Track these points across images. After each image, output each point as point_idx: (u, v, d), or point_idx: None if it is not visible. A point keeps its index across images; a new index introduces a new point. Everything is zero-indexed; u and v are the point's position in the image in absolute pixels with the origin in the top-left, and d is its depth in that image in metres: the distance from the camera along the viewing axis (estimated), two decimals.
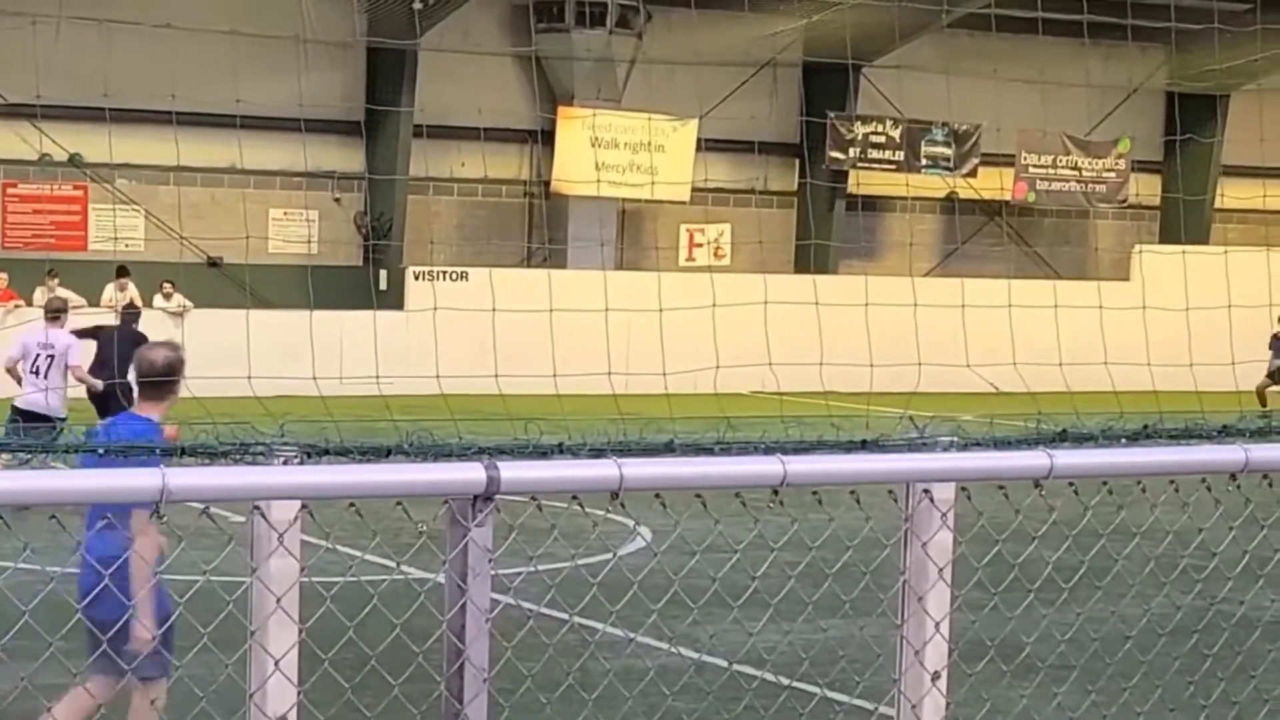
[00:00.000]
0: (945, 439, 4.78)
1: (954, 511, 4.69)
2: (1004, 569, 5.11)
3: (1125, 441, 4.81)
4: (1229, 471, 4.51)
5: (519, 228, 35.74)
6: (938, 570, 4.74)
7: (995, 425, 4.95)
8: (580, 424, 4.93)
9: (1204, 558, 5.29)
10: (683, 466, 4.43)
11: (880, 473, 4.56)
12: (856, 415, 6.50)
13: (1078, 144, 37.71)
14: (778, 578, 5.18)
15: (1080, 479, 4.52)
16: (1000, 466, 4.58)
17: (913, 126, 36.20)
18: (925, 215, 38.60)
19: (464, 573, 4.28)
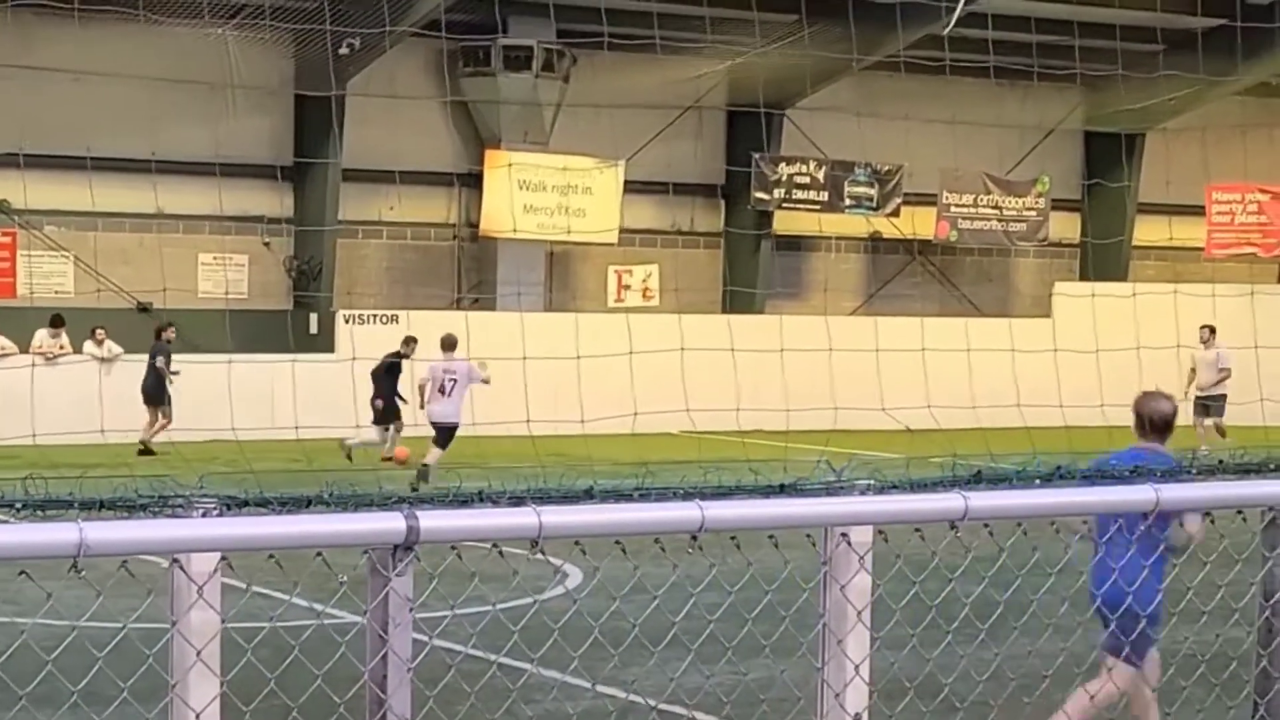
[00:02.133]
0: (862, 482, 4.80)
1: (872, 554, 4.70)
2: (922, 609, 5.12)
3: (1040, 482, 4.83)
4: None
5: (448, 271, 35.70)
6: (856, 613, 4.74)
7: (912, 467, 4.96)
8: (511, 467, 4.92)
9: None
10: (602, 514, 4.42)
11: (797, 517, 4.56)
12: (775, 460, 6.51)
13: (998, 183, 37.99)
14: (699, 620, 5.16)
15: (995, 520, 4.54)
16: (916, 509, 4.60)
17: (836, 167, 36.38)
18: (850, 255, 38.78)
19: (385, 622, 4.26)
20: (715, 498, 4.53)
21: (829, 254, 38.50)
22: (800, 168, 36.33)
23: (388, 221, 34.90)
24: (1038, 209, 38.43)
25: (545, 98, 34.19)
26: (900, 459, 7.79)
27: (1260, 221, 38.22)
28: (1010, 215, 38.13)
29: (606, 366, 27.81)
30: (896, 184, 36.84)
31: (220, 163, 32.22)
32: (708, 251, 37.47)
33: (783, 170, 36.12)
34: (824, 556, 4.75)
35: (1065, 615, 5.63)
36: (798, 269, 38.15)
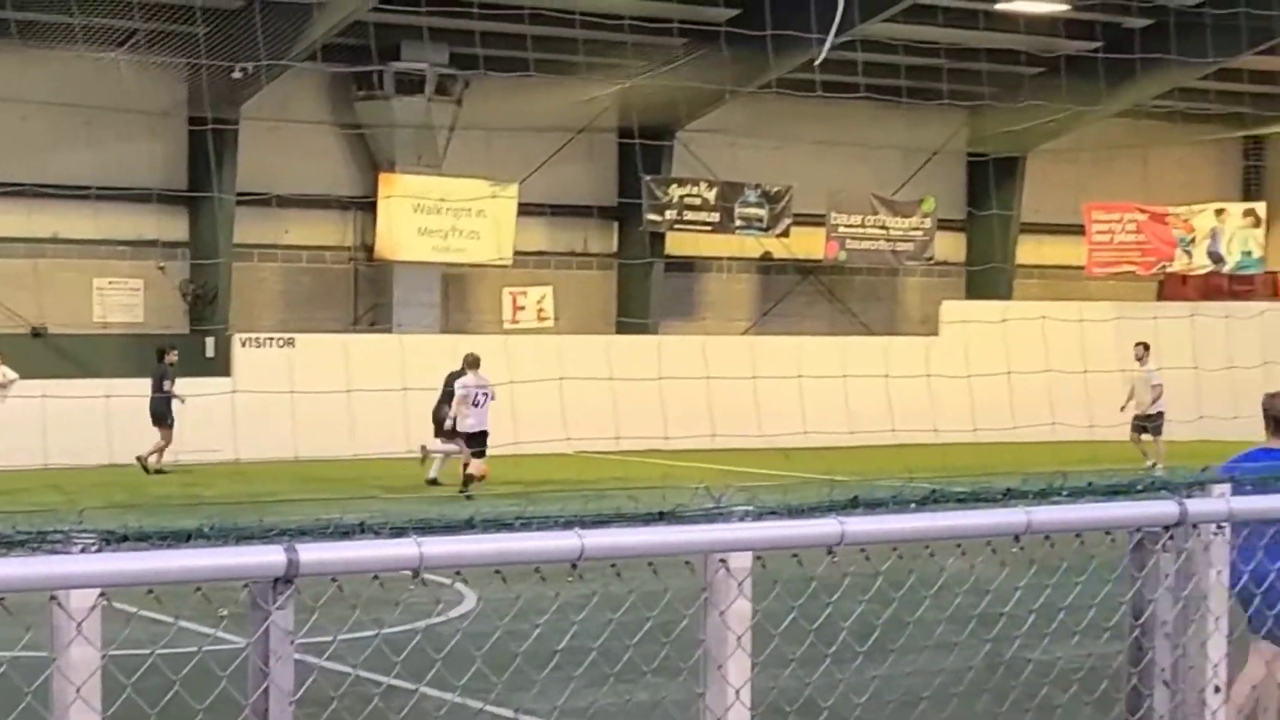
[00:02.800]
0: (741, 508, 4.80)
1: (750, 579, 4.70)
2: (801, 631, 5.14)
3: (915, 506, 4.86)
4: (1012, 534, 4.57)
5: (344, 294, 35.52)
6: (736, 638, 4.75)
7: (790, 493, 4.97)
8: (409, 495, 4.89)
9: (993, 615, 5.36)
10: (481, 544, 4.40)
11: (676, 544, 4.56)
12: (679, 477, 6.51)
13: (885, 204, 38.25)
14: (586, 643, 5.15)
15: (871, 545, 4.56)
16: (794, 535, 4.61)
17: (727, 188, 36.50)
18: (742, 275, 38.90)
19: (266, 655, 4.22)
20: (595, 526, 4.52)
21: (721, 274, 38.61)
22: (691, 189, 36.42)
23: (283, 245, 34.69)
24: (924, 229, 38.72)
25: (438, 121, 34.12)
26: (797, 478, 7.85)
27: (1139, 240, 38.68)
28: (897, 235, 38.39)
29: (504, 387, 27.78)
30: (786, 205, 37.01)
31: (114, 187, 31.98)
32: (601, 273, 37.49)
33: (674, 192, 36.20)
34: (704, 582, 4.75)
35: (942, 635, 5.67)
36: (690, 289, 38.24)
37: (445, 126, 34.34)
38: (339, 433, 29.30)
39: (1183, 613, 4.99)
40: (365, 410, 28.95)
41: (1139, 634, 4.85)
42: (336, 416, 29.46)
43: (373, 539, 4.51)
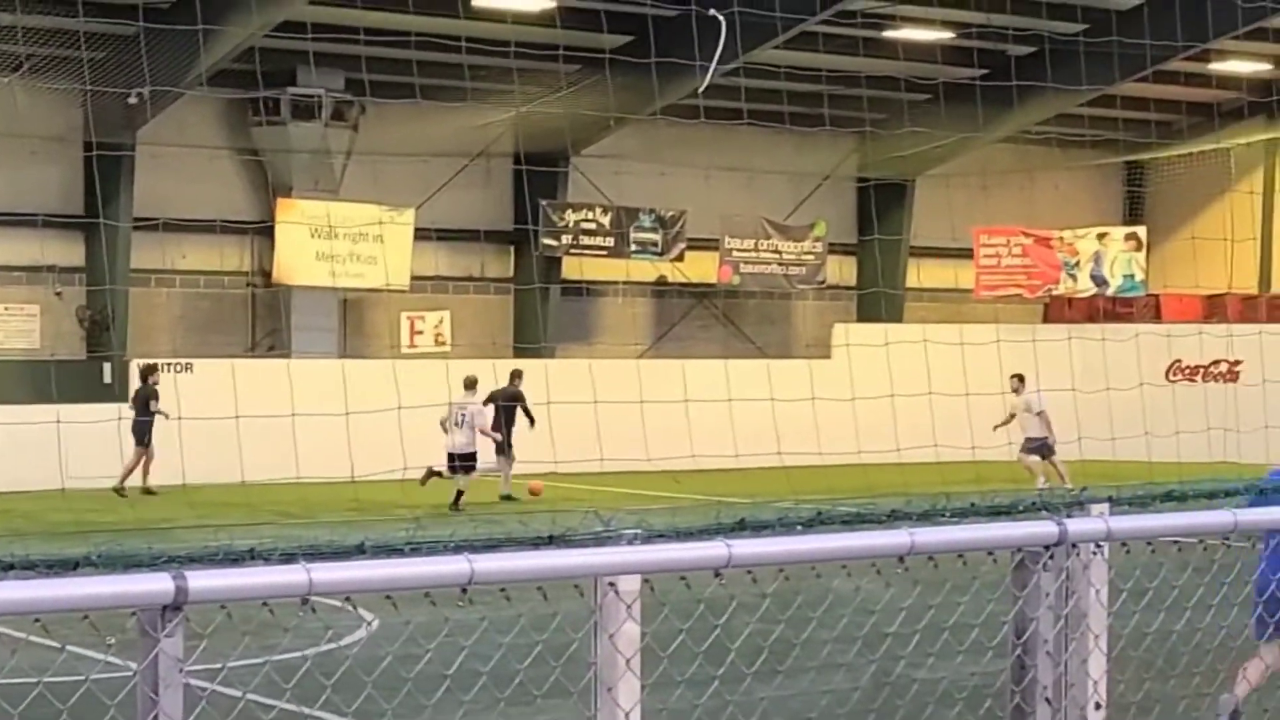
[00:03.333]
0: (629, 532, 4.80)
1: (639, 602, 4.69)
2: (690, 654, 5.13)
3: (801, 528, 4.87)
4: (897, 555, 4.59)
5: (242, 319, 35.26)
6: (625, 660, 4.74)
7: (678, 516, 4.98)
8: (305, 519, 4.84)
9: (879, 635, 5.38)
10: (371, 569, 4.37)
11: (565, 568, 4.55)
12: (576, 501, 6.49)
13: (777, 228, 38.41)
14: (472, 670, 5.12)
15: (757, 567, 4.57)
16: (681, 558, 4.61)
17: (622, 213, 36.55)
18: (637, 299, 38.94)
19: (155, 683, 4.17)
20: (484, 550, 4.50)
21: (616, 299, 38.64)
22: (587, 214, 36.44)
23: (180, 270, 34.40)
24: (815, 253, 38.92)
25: (335, 146, 33.98)
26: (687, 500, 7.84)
27: (1025, 264, 39.07)
28: (789, 259, 38.57)
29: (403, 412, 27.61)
30: (680, 229, 37.10)
31: (9, 213, 31.61)
32: (498, 297, 37.43)
33: (569, 217, 36.21)
34: (593, 605, 4.74)
35: (829, 655, 5.68)
36: (586, 313, 38.24)
37: (342, 152, 34.20)
38: (235, 458, 29.04)
39: (1063, 631, 5.03)
40: (261, 436, 28.71)
41: (1021, 652, 4.87)
42: (233, 442, 29.19)
43: (262, 565, 4.47)
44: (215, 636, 4.50)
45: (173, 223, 33.39)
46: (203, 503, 25.56)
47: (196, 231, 34.10)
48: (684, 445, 25.04)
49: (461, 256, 37.07)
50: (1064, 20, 32.95)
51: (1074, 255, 39.02)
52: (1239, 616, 6.41)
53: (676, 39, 28.97)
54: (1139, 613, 5.75)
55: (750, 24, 27.74)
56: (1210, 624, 7.04)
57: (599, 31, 29.46)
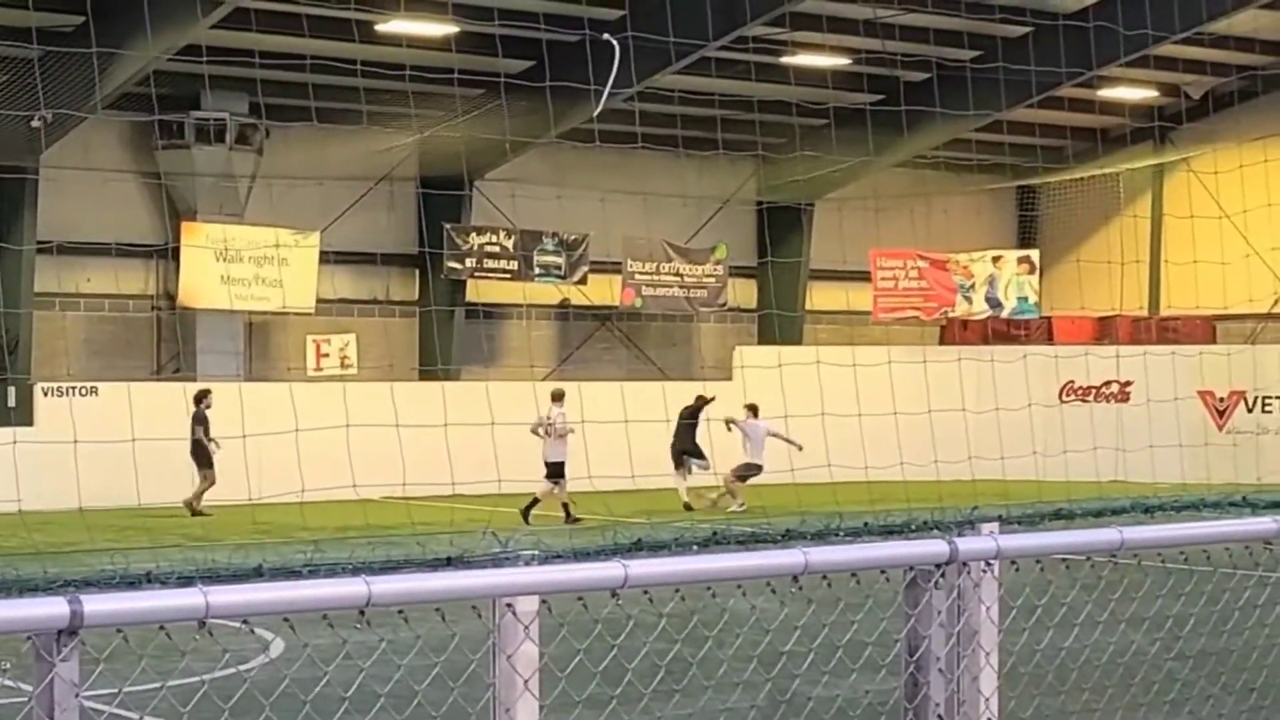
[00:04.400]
0: (527, 552, 4.79)
1: (537, 623, 4.67)
2: (587, 674, 5.12)
3: (697, 548, 4.87)
4: (791, 574, 4.59)
5: (148, 342, 34.94)
6: (523, 681, 4.72)
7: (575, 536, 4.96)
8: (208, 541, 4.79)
9: (774, 654, 5.38)
10: (268, 592, 4.33)
11: (463, 589, 4.52)
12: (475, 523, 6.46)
13: (679, 251, 38.50)
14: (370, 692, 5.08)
15: (654, 587, 4.56)
16: (578, 579, 4.59)
17: (525, 237, 36.51)
18: (541, 322, 38.90)
19: (51, 708, 4.11)
20: (383, 572, 4.47)
21: (521, 321, 38.57)
22: (491, 238, 36.37)
23: (85, 294, 34.04)
24: (717, 276, 39.03)
25: (239, 170, 33.75)
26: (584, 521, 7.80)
27: (922, 286, 39.35)
28: (691, 282, 38.65)
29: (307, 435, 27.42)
30: (583, 253, 37.11)
31: None
32: (404, 320, 37.28)
33: (474, 240, 36.13)
34: (491, 627, 4.72)
35: (725, 674, 5.68)
36: (491, 336, 38.14)
37: (246, 175, 33.98)
38: (142, 481, 28.73)
39: (955, 648, 5.05)
40: (168, 459, 28.45)
41: (914, 669, 4.89)
42: (139, 465, 28.88)
43: (159, 589, 4.42)
44: (112, 660, 4.44)
45: (77, 246, 33.04)
46: (105, 526, 25.29)
47: (100, 255, 33.77)
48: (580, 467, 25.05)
49: (366, 279, 36.91)
50: (956, 47, 33.26)
51: (969, 278, 39.34)
52: (1126, 633, 6.46)
53: (577, 64, 29.01)
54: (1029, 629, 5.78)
55: (650, 49, 27.80)
56: (1098, 640, 7.09)
57: (500, 56, 29.46)
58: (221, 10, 27.67)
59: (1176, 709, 6.89)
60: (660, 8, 29.87)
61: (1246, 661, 6.63)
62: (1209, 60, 38.06)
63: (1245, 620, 6.65)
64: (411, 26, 30.86)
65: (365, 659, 4.96)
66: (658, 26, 28.16)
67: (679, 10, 28.78)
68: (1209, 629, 6.69)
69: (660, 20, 29.03)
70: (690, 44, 28.79)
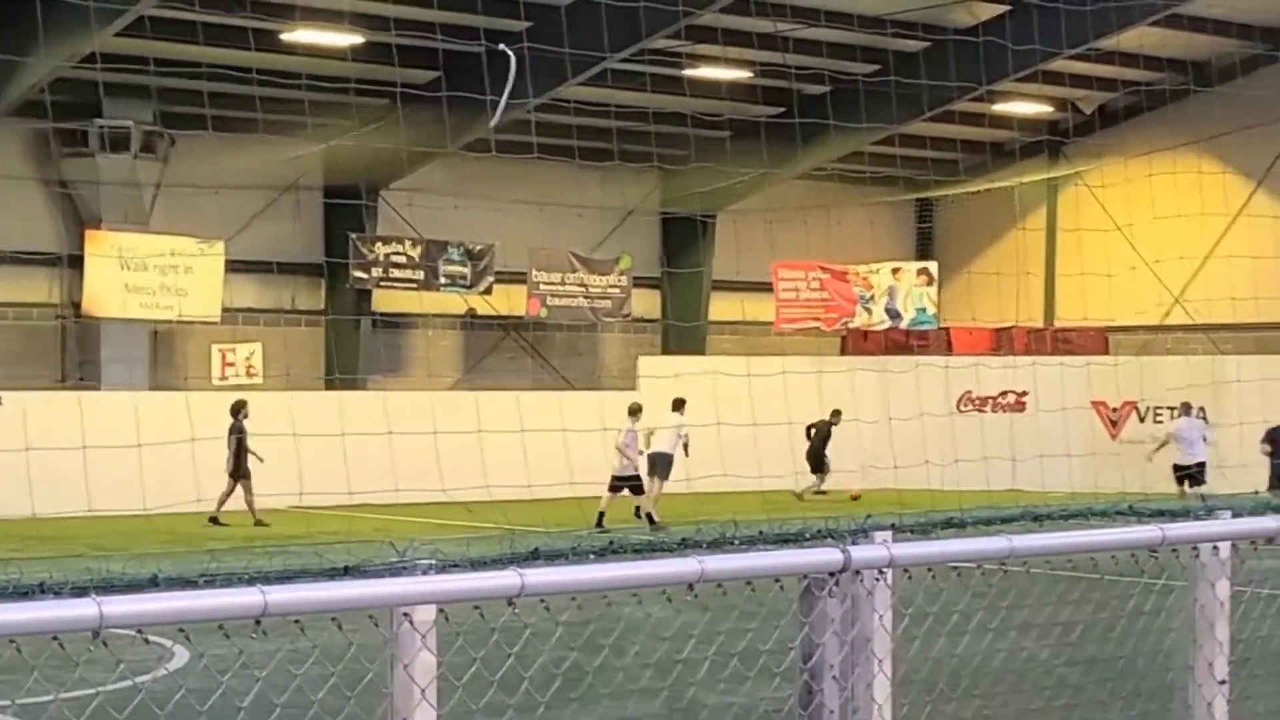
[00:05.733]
0: (424, 562, 4.74)
1: (434, 632, 4.63)
2: (484, 683, 5.08)
3: (593, 557, 4.84)
4: (687, 582, 4.58)
5: (52, 351, 34.51)
6: (420, 690, 4.67)
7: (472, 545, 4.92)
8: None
9: (670, 661, 5.36)
10: (163, 602, 4.26)
11: (360, 599, 4.47)
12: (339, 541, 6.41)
13: (583, 262, 38.48)
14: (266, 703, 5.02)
15: (550, 595, 4.53)
16: (476, 587, 4.55)
17: (431, 246, 36.38)
18: (447, 331, 38.77)
19: None
20: (279, 582, 4.41)
21: (427, 331, 38.43)
22: (397, 247, 36.22)
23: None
24: (621, 286, 39.05)
25: (144, 178, 33.42)
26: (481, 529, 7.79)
27: (823, 298, 39.52)
28: (596, 292, 38.65)
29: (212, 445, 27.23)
30: (488, 263, 37.01)
31: None
32: (310, 329, 37.04)
33: (380, 250, 35.96)
34: (389, 636, 4.67)
35: (621, 682, 5.66)
36: (398, 346, 37.97)
37: (151, 184, 33.66)
38: (44, 491, 28.38)
39: (849, 656, 5.05)
40: (73, 468, 28.13)
41: (808, 677, 4.89)
42: (44, 475, 28.55)
43: (52, 600, 4.34)
44: (5, 672, 4.36)
45: None
46: (9, 536, 24.94)
47: (4, 263, 33.35)
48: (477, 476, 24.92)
49: (272, 289, 36.65)
50: (853, 61, 33.48)
51: (869, 289, 39.56)
52: (1017, 640, 6.50)
53: (479, 75, 28.90)
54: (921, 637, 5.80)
55: (553, 61, 27.78)
56: (988, 647, 7.13)
57: (406, 67, 29.35)
58: (126, 18, 27.40)
59: (1067, 714, 6.94)
60: (563, 20, 29.86)
61: (1134, 667, 6.68)
62: (1099, 76, 38.55)
63: (1132, 627, 6.70)
64: (316, 36, 30.70)
65: (262, 669, 4.90)
66: (561, 38, 28.13)
67: (582, 22, 28.77)
68: (1097, 635, 6.75)
69: (563, 32, 29.01)
70: (591, 56, 28.78)
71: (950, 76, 30.98)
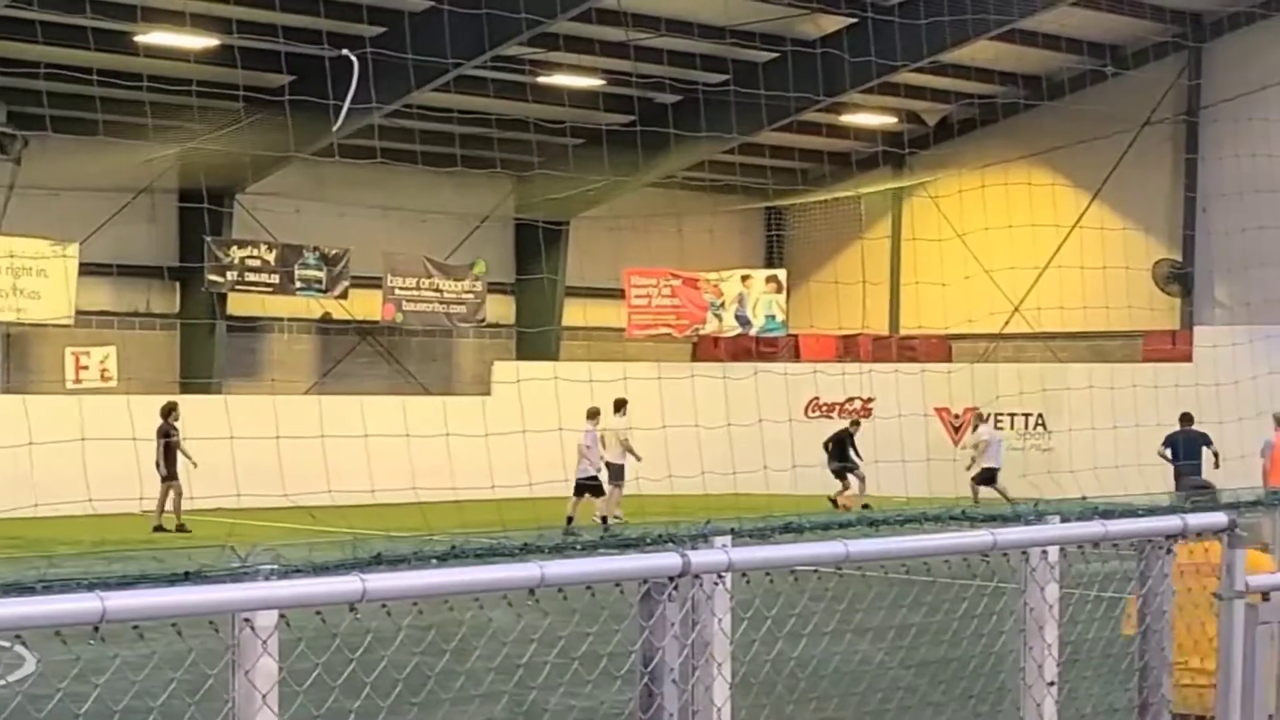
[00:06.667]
0: (266, 567, 4.68)
1: (276, 637, 4.57)
2: (326, 688, 5.03)
3: (436, 562, 4.81)
4: (527, 587, 4.55)
5: None
6: (262, 696, 4.61)
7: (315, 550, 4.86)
8: None
9: (511, 666, 5.34)
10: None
11: (201, 604, 4.40)
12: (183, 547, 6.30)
13: (438, 267, 38.30)
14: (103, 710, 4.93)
15: (392, 600, 4.49)
16: (317, 593, 4.50)
17: (286, 251, 36.02)
18: (303, 335, 38.40)
19: None
20: (119, 587, 4.33)
21: (283, 335, 38.04)
22: (252, 251, 35.82)
23: None
24: (475, 292, 38.92)
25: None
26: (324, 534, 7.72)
27: (674, 304, 39.66)
28: (450, 298, 38.48)
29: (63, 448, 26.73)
30: (344, 267, 36.72)
31: None
32: (165, 333, 36.51)
33: (235, 253, 35.54)
34: (231, 642, 4.60)
35: (463, 686, 5.62)
36: (254, 350, 37.55)
37: (4, 185, 33.04)
38: None
39: (689, 659, 5.05)
40: None
41: (649, 680, 4.88)
42: None
43: None
44: None
45: None
46: None
47: None
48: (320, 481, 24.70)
49: (127, 292, 36.09)
50: (706, 71, 33.64)
51: (719, 296, 39.77)
52: (853, 642, 6.54)
53: (340, 80, 28.69)
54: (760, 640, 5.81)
55: (406, 67, 27.60)
56: (825, 650, 7.17)
57: (262, 71, 29.08)
58: None
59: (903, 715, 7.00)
60: (419, 26, 29.71)
61: (966, 669, 6.75)
62: (942, 89, 39.02)
63: (964, 630, 6.77)
64: (172, 39, 30.30)
65: (100, 675, 4.81)
66: (417, 44, 28.00)
67: (434, 29, 28.63)
68: (931, 638, 6.81)
69: (419, 38, 28.88)
70: (443, 63, 28.58)
71: (796, 88, 31.19)
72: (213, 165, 32.21)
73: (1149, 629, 6.21)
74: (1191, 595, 6.47)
